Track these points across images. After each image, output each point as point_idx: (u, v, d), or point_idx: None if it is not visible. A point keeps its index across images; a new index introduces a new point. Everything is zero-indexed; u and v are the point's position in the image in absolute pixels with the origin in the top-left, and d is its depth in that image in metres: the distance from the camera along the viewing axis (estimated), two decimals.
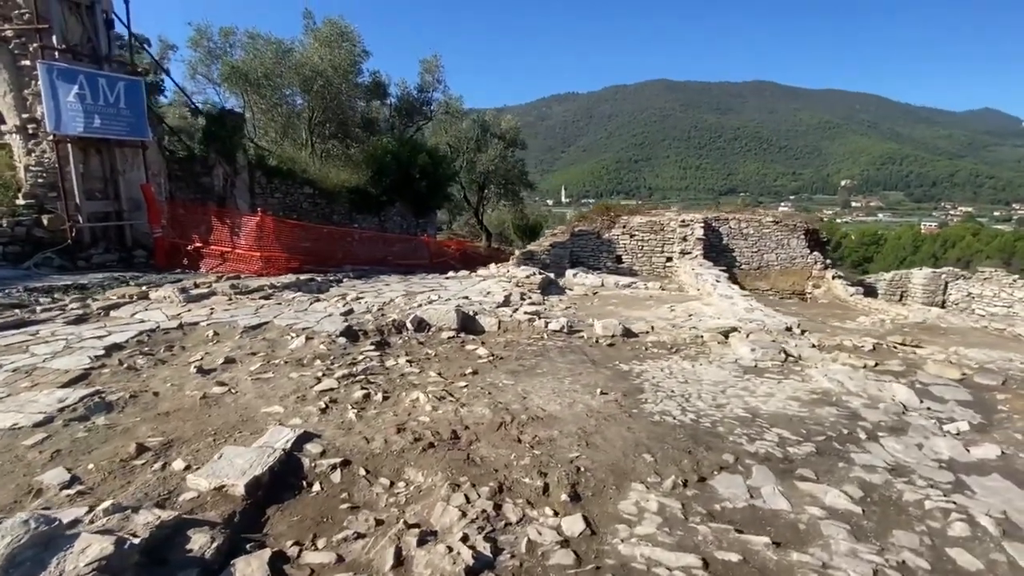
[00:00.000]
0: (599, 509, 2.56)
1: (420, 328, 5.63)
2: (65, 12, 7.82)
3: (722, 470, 2.95)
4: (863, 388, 4.16)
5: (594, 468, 2.91)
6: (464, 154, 27.85)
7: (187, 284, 6.45)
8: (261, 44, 14.84)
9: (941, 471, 2.96)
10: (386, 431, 3.13)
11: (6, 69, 7.67)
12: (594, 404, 3.81)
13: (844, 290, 12.80)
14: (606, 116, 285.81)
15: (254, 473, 2.58)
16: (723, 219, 14.09)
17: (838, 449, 3.20)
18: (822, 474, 2.91)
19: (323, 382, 3.85)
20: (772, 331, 6.10)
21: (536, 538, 2.32)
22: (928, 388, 4.48)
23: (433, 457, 2.88)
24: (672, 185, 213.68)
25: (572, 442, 3.19)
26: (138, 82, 8.84)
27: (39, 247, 7.89)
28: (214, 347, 4.61)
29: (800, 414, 3.71)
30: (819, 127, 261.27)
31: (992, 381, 4.67)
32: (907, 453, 3.15)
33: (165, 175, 9.98)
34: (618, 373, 4.58)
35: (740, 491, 2.74)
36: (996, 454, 3.19)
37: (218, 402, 3.50)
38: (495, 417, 3.46)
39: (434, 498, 2.56)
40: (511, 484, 2.70)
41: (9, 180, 8.10)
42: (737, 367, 4.78)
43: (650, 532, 2.36)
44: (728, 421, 3.56)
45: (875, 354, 5.66)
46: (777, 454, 3.11)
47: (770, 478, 2.86)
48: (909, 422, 3.58)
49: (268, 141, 16.29)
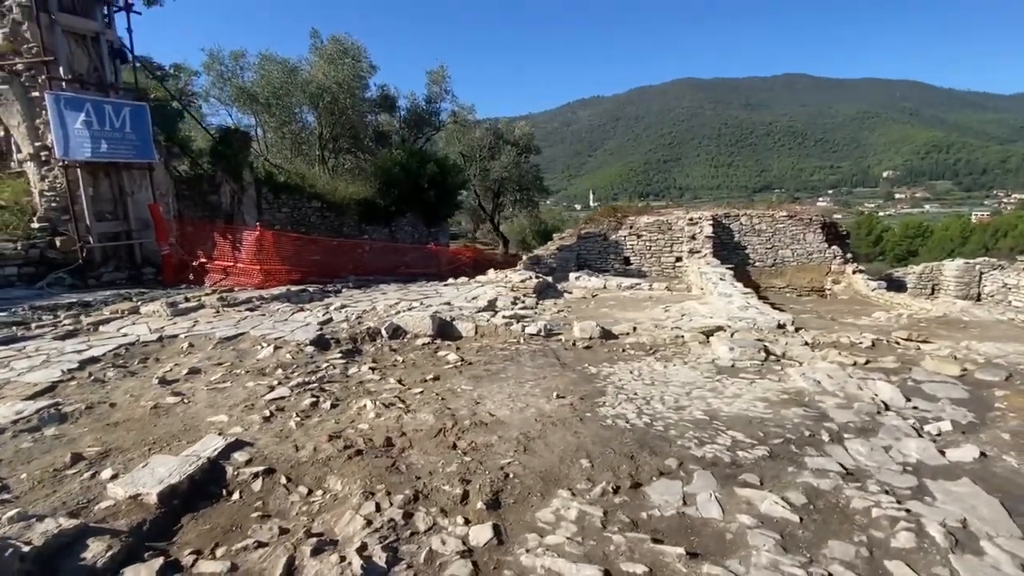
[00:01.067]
0: (515, 517, 2.45)
1: (395, 335, 5.61)
2: (71, 44, 8.28)
3: (661, 476, 2.79)
4: (842, 387, 3.89)
5: (524, 475, 2.80)
6: (477, 162, 28.08)
7: (177, 298, 6.65)
8: (268, 65, 15.39)
9: (904, 475, 2.72)
10: (319, 439, 3.10)
11: (19, 101, 8.16)
12: (547, 408, 3.68)
13: (865, 285, 12.16)
14: (632, 118, 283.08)
15: (170, 482, 2.58)
16: (734, 216, 13.65)
17: (793, 453, 2.98)
18: (768, 480, 2.71)
19: (276, 391, 3.87)
20: (763, 329, 5.82)
21: (439, 548, 2.23)
22: (920, 386, 4.17)
23: (357, 465, 2.83)
24: (703, 184, 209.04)
25: (510, 448, 3.08)
26: (143, 107, 9.25)
27: (52, 267, 8.31)
28: (184, 358, 4.71)
29: (763, 416, 3.49)
30: (857, 118, 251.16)
31: (995, 377, 4.31)
32: (871, 456, 2.91)
33: (173, 194, 10.40)
34: (584, 376, 4.44)
35: (674, 498, 2.58)
36: (974, 456, 2.92)
37: (168, 412, 3.55)
38: (437, 423, 3.39)
39: (346, 507, 2.50)
40: (429, 492, 2.61)
41: (25, 205, 8.59)
42: (712, 367, 4.56)
43: (560, 542, 2.24)
44: (683, 424, 3.38)
45: (872, 351, 5.33)
46: (725, 459, 2.93)
47: (710, 484, 2.68)
48: (882, 423, 3.32)
49: (281, 158, 16.81)
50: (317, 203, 14.29)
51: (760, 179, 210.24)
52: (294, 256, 10.34)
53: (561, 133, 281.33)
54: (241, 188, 11.56)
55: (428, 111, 21.03)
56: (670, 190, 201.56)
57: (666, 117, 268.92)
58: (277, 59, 15.44)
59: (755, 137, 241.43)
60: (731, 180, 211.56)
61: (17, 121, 8.33)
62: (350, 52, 16.32)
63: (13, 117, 8.33)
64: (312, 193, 14.11)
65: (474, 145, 27.60)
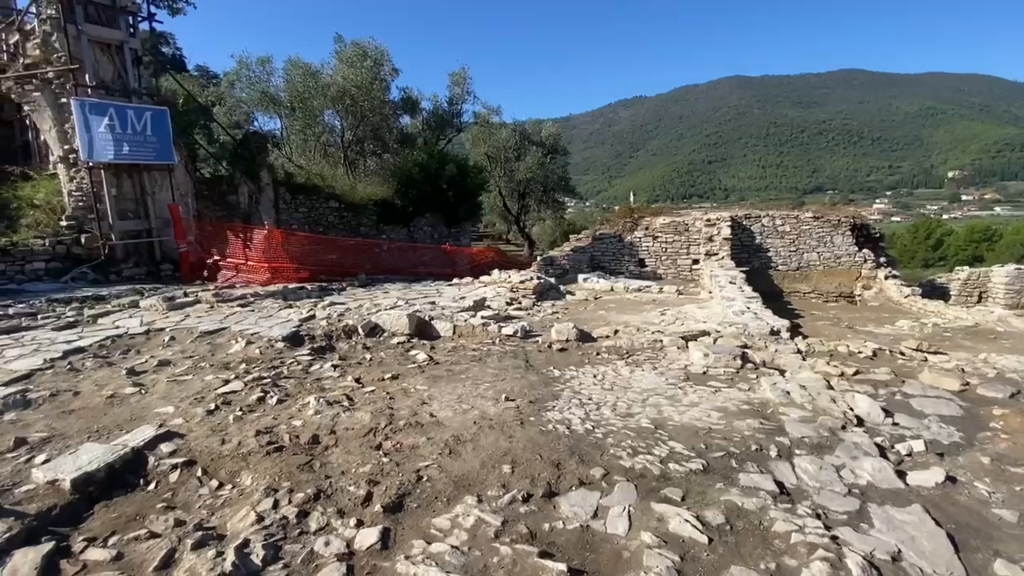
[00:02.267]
0: (412, 522, 2.38)
1: (372, 333, 5.63)
2: (97, 52, 8.80)
3: (581, 486, 2.65)
4: (812, 400, 3.60)
5: (438, 478, 2.71)
6: (502, 163, 28.11)
7: (177, 293, 6.92)
8: (292, 69, 15.93)
9: (847, 498, 2.47)
10: (248, 434, 3.11)
11: (50, 107, 8.75)
12: (491, 411, 3.58)
13: (897, 291, 11.35)
14: (676, 118, 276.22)
15: (87, 470, 2.64)
16: (755, 216, 13.02)
17: (731, 468, 2.77)
18: (692, 495, 2.52)
19: (231, 384, 3.93)
20: (754, 335, 5.50)
21: (320, 549, 2.18)
22: (909, 400, 3.82)
23: (273, 461, 2.82)
24: (750, 185, 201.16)
25: (435, 450, 3.00)
26: (164, 111, 9.72)
27: (77, 263, 8.85)
28: (162, 351, 4.88)
29: (714, 426, 3.26)
30: (919, 114, 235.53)
31: (999, 394, 3.89)
32: (817, 475, 2.66)
33: (192, 194, 10.88)
34: (545, 379, 4.30)
35: (585, 510, 2.43)
36: (937, 481, 2.62)
37: (123, 402, 3.67)
38: (372, 423, 3.35)
39: (246, 503, 2.49)
40: (333, 492, 2.57)
41: (56, 204, 9.19)
42: (682, 374, 4.33)
43: (443, 551, 2.15)
44: (625, 432, 3.21)
45: (870, 361, 4.94)
46: (655, 471, 2.75)
47: (629, 497, 2.52)
48: (843, 439, 3.04)
49: (305, 160, 17.36)
50: (335, 203, 14.65)
51: (812, 180, 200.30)
52: (303, 255, 10.61)
53: (602, 134, 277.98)
54: (258, 189, 11.98)
55: (450, 112, 21.23)
56: (715, 191, 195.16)
57: (711, 116, 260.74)
58: (300, 64, 15.98)
59: (807, 136, 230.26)
60: (780, 181, 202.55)
61: (49, 126, 8.92)
62: (371, 55, 16.69)
63: (45, 122, 8.93)
64: (329, 193, 14.47)
65: (499, 146, 27.67)
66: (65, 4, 8.29)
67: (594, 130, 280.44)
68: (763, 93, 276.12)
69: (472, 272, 16.84)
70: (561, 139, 32.00)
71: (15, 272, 8.15)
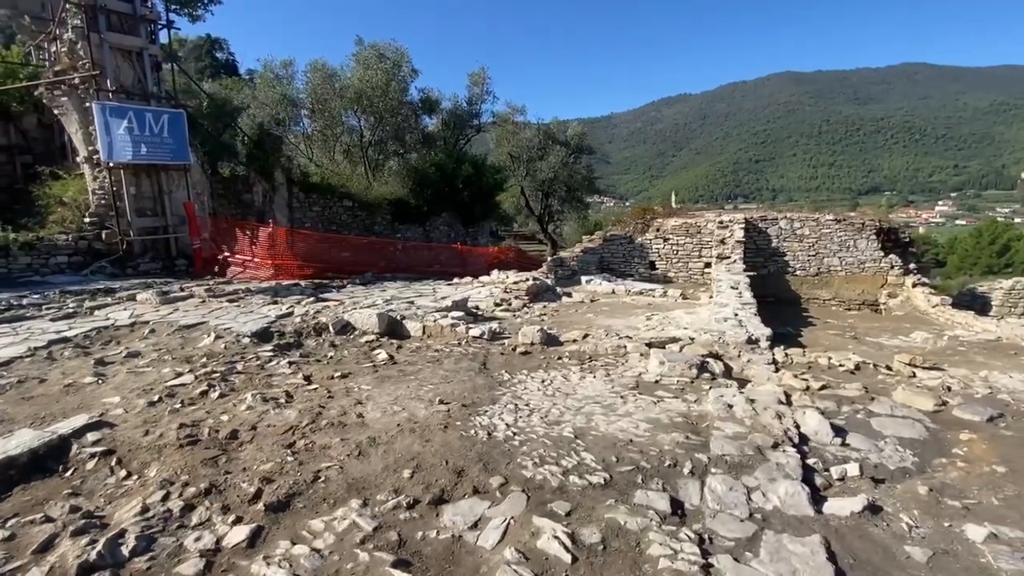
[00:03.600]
0: (291, 522, 2.39)
1: (343, 331, 5.72)
2: (118, 59, 9.33)
3: (475, 494, 2.60)
4: (755, 415, 3.40)
5: (334, 479, 2.72)
6: (524, 163, 28.03)
7: (172, 288, 7.25)
8: (312, 72, 16.42)
9: (744, 523, 2.31)
10: (172, 426, 3.21)
11: (76, 111, 9.34)
12: (421, 414, 3.56)
13: (925, 300, 10.59)
14: (722, 116, 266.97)
15: (11, 453, 2.80)
16: (771, 219, 12.45)
17: (634, 483, 2.64)
18: (579, 510, 2.43)
19: (183, 377, 4.07)
20: (729, 343, 5.26)
21: (190, 544, 2.22)
22: (871, 420, 3.56)
23: (183, 454, 2.90)
24: (800, 186, 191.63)
25: (345, 451, 3.01)
26: (180, 114, 10.21)
27: (97, 257, 9.41)
28: (138, 343, 5.11)
29: (637, 438, 3.13)
30: (990, 111, 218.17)
31: (976, 416, 3.57)
32: (723, 496, 2.51)
33: (208, 193, 11.38)
34: (493, 383, 4.24)
35: (465, 520, 2.38)
36: (855, 510, 2.42)
37: (78, 391, 3.86)
38: (296, 421, 3.39)
39: (142, 493, 2.57)
40: (226, 488, 2.61)
41: (81, 202, 9.80)
42: (633, 382, 4.18)
43: (303, 553, 2.15)
44: (544, 440, 3.12)
45: (849, 375, 4.65)
46: (553, 482, 2.66)
47: (516, 509, 2.45)
48: (767, 459, 2.85)
49: (326, 160, 17.87)
50: (348, 202, 14.99)
51: (867, 180, 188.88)
52: (308, 252, 10.90)
53: (644, 133, 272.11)
54: (272, 188, 12.41)
55: (469, 112, 21.34)
56: (761, 192, 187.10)
57: (759, 114, 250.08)
58: (319, 66, 16.44)
59: (863, 134, 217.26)
60: (832, 181, 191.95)
61: (75, 128, 9.53)
62: (391, 57, 16.99)
63: (72, 125, 9.55)
64: (343, 193, 14.82)
65: (523, 146, 27.60)
66: (89, 14, 8.83)
67: (635, 129, 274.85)
68: (816, 89, 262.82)
69: (487, 271, 16.88)
70: (587, 138, 31.58)
71: (40, 265, 8.74)
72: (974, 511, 2.44)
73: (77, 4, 8.79)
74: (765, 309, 11.66)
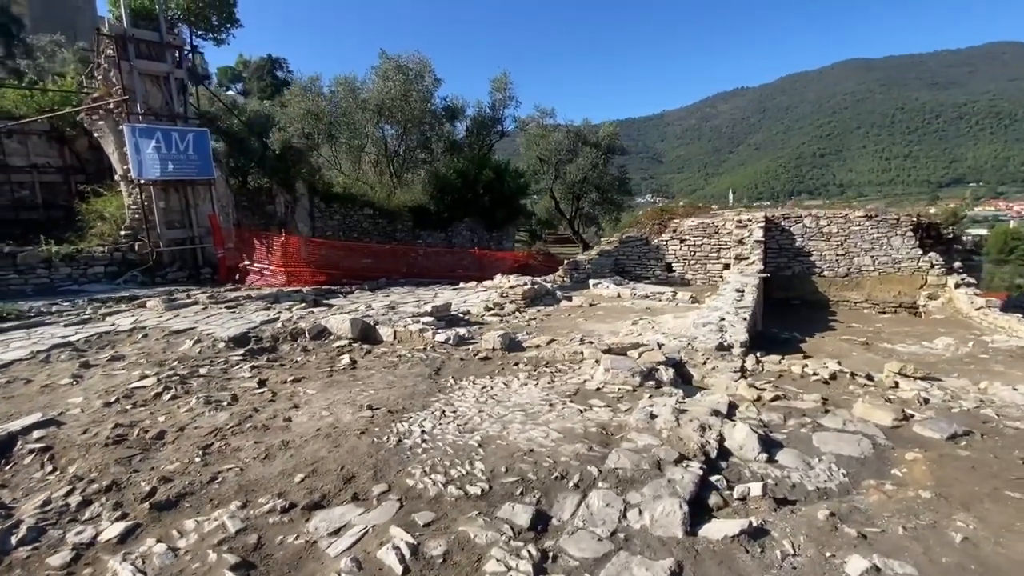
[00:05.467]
0: (170, 521, 2.51)
1: (318, 336, 5.91)
2: (147, 84, 10.15)
3: (353, 500, 2.64)
4: (676, 427, 3.22)
5: (231, 481, 2.82)
6: (553, 165, 27.90)
7: (179, 295, 7.76)
8: (337, 85, 17.14)
9: (600, 543, 2.20)
10: (108, 425, 3.44)
11: (111, 132, 10.23)
12: (346, 419, 3.63)
13: (968, 302, 9.60)
14: (782, 109, 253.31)
15: None
16: (795, 216, 11.71)
17: (510, 495, 2.58)
18: (441, 521, 2.40)
19: (146, 380, 4.36)
20: (698, 350, 5.01)
21: (71, 537, 2.38)
22: (814, 434, 3.30)
23: (105, 452, 3.10)
24: (871, 179, 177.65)
25: (253, 454, 3.13)
26: (204, 132, 10.95)
27: (131, 267, 10.24)
28: (128, 347, 5.51)
29: (540, 448, 3.05)
30: None
31: (936, 434, 3.23)
32: (596, 513, 2.40)
33: (233, 205, 12.12)
34: (434, 389, 4.26)
35: (329, 526, 2.43)
36: (732, 533, 2.25)
37: (52, 391, 4.22)
38: (224, 423, 3.55)
39: (54, 487, 2.77)
40: (126, 485, 2.78)
41: (118, 217, 10.71)
42: (573, 389, 4.07)
43: (161, 551, 2.25)
44: (446, 448, 3.10)
45: (822, 385, 4.34)
46: (432, 492, 2.65)
47: (384, 517, 2.47)
48: (663, 474, 2.69)
49: (351, 170, 18.57)
50: (369, 211, 15.50)
51: (949, 171, 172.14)
52: (321, 260, 11.36)
53: (698, 130, 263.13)
54: (294, 199, 13.04)
55: (493, 118, 21.52)
56: (827, 187, 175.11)
57: (824, 105, 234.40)
58: (342, 80, 17.14)
59: (942, 122, 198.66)
60: (908, 174, 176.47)
61: (112, 149, 10.43)
62: (412, 68, 17.46)
63: (109, 146, 10.46)
64: (364, 201, 15.34)
65: (552, 148, 27.51)
66: (120, 44, 9.67)
67: (689, 126, 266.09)
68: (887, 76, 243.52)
69: (508, 275, 16.93)
70: (619, 139, 31.05)
71: (79, 275, 9.62)
72: (870, 541, 2.20)
73: (109, 35, 9.65)
74: (784, 312, 11.05)
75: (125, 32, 9.66)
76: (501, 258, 18.60)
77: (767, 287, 12.12)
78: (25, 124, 11.83)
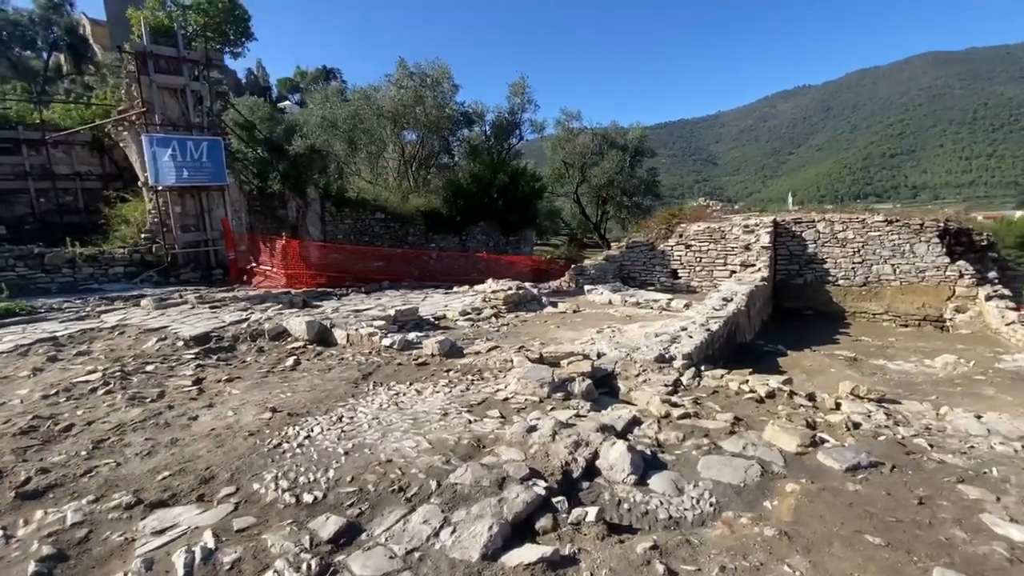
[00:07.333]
0: (27, 510, 2.65)
1: (278, 337, 6.11)
2: (165, 96, 10.88)
3: (197, 501, 2.70)
4: (548, 442, 3.10)
5: (103, 475, 2.96)
6: (579, 169, 27.60)
7: (170, 295, 8.21)
8: (354, 94, 17.72)
9: (389, 560, 2.15)
10: (27, 415, 3.69)
11: (134, 143, 11.02)
12: (247, 420, 3.73)
13: (998, 316, 8.67)
14: (848, 107, 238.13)
15: None
16: (807, 221, 11.00)
17: (338, 506, 2.56)
18: (256, 527, 2.42)
19: (93, 375, 4.65)
20: (637, 361, 4.80)
21: None
22: (702, 457, 3.10)
23: (7, 442, 3.32)
24: (948, 181, 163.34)
25: (137, 451, 3.26)
26: (218, 140, 11.59)
27: (148, 268, 10.97)
28: (101, 343, 5.90)
29: (401, 459, 3.01)
30: None
31: (837, 464, 2.97)
32: (410, 530, 2.34)
33: (245, 210, 12.75)
34: (350, 394, 4.30)
35: (158, 525, 2.49)
36: (529, 561, 2.13)
37: (10, 382, 4.57)
38: (132, 419, 3.72)
39: None
40: (7, 474, 2.96)
41: (140, 221, 11.51)
42: (481, 399, 3.99)
43: None
44: (313, 455, 3.12)
45: (752, 404, 4.04)
46: (269, 497, 2.67)
47: (212, 519, 2.51)
48: (501, 493, 2.59)
49: (369, 176, 19.14)
50: (380, 215, 15.89)
51: None
52: (322, 263, 11.74)
53: (756, 130, 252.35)
54: (306, 203, 13.58)
55: (511, 122, 21.58)
56: (899, 189, 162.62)
57: (895, 102, 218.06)
58: (358, 89, 17.72)
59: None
60: (992, 174, 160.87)
61: (135, 158, 11.24)
62: (430, 75, 17.83)
63: (132, 155, 11.28)
64: (376, 206, 15.74)
65: (577, 152, 27.24)
66: (141, 60, 10.42)
67: (745, 127, 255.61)
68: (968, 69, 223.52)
69: (526, 279, 16.89)
70: (647, 141, 30.36)
71: (100, 275, 10.40)
72: None
73: (131, 52, 10.43)
74: (792, 323, 10.41)
75: (145, 48, 10.41)
76: (513, 262, 18.57)
77: (776, 296, 11.47)
78: (68, 135, 12.96)
